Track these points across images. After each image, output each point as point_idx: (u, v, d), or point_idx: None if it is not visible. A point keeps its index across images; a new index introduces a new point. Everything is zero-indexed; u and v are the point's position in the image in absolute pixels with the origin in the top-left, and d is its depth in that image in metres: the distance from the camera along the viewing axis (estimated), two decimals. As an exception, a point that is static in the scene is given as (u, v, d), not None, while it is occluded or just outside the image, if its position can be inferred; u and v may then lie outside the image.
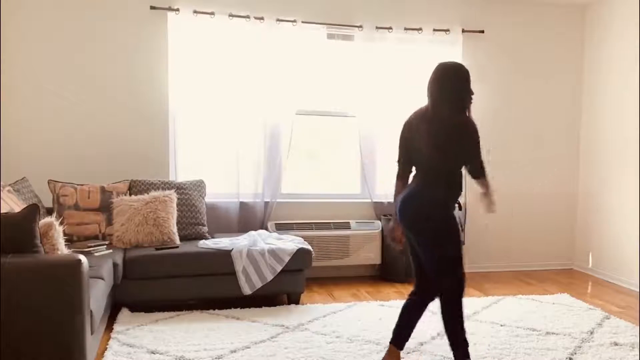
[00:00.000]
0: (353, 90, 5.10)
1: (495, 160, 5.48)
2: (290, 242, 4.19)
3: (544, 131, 5.63)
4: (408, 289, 4.72)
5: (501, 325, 3.68)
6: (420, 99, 2.93)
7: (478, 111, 5.34)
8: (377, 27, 5.03)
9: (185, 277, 3.89)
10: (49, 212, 3.99)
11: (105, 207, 4.21)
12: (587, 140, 5.62)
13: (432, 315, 3.86)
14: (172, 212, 4.22)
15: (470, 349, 3.23)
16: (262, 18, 4.79)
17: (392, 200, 5.08)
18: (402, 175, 2.93)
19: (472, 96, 2.79)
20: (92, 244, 3.82)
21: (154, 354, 3.07)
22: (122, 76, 4.69)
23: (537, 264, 5.68)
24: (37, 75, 4.53)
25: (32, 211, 2.53)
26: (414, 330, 2.95)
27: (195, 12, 4.66)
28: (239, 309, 3.93)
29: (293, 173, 5.20)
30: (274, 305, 4.05)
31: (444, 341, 3.36)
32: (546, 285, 4.97)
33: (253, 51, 4.81)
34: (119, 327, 3.48)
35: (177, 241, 4.19)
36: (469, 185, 3.27)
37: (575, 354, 3.20)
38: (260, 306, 3.99)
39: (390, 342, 2.91)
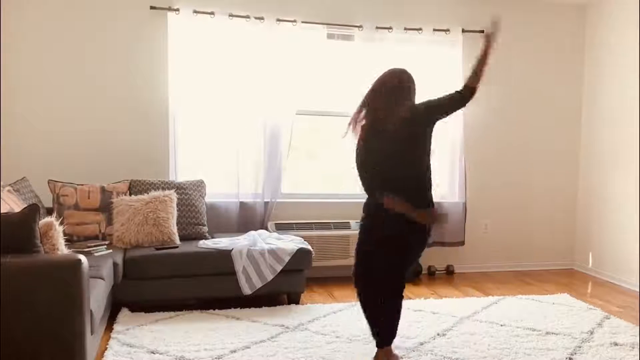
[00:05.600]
0: (353, 90, 5.09)
1: (495, 160, 5.50)
2: (290, 242, 4.19)
3: (544, 131, 5.63)
4: (408, 289, 4.72)
5: (501, 325, 3.68)
6: (420, 99, 2.94)
7: (477, 111, 5.40)
8: (377, 27, 5.03)
9: (185, 277, 3.89)
10: (49, 212, 3.98)
11: (105, 207, 4.21)
12: (588, 139, 5.63)
13: (433, 315, 3.87)
14: (172, 212, 4.22)
15: (470, 349, 3.24)
16: (262, 18, 4.79)
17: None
18: None
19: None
20: (92, 244, 3.81)
21: (154, 354, 3.07)
22: (122, 76, 4.69)
23: (537, 264, 5.68)
24: (37, 75, 4.53)
25: (32, 211, 2.53)
26: (414, 330, 2.96)
27: (195, 12, 4.66)
28: (239, 309, 3.93)
29: (293, 173, 5.20)
30: (274, 305, 4.04)
31: (445, 341, 3.37)
32: (546, 285, 4.97)
33: (253, 51, 4.81)
34: (119, 327, 3.48)
35: (177, 241, 4.19)
36: (470, 184, 3.30)
37: (575, 354, 3.20)
38: (260, 306, 3.98)
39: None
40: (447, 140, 5.28)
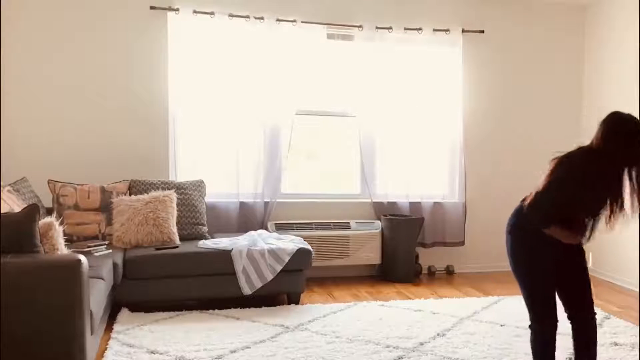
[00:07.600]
0: (353, 90, 5.10)
1: (495, 161, 5.50)
2: (290, 242, 4.19)
3: (543, 131, 5.62)
4: (408, 289, 4.75)
5: (501, 325, 3.67)
6: (420, 99, 2.94)
7: (477, 111, 5.40)
8: (377, 27, 5.03)
9: (185, 277, 3.89)
10: (49, 212, 3.98)
11: (105, 207, 4.21)
12: (588, 140, 5.60)
13: (433, 315, 3.87)
14: (172, 212, 4.22)
15: (470, 349, 3.24)
16: (262, 18, 4.79)
17: (391, 200, 5.16)
18: None
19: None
20: (92, 244, 3.81)
21: (154, 354, 3.07)
22: (122, 76, 4.69)
23: (537, 264, 5.66)
24: (37, 75, 4.53)
25: (32, 211, 2.53)
26: (414, 330, 2.94)
27: (195, 12, 4.66)
28: (239, 309, 3.93)
29: (293, 173, 5.20)
30: (274, 305, 4.04)
31: (445, 341, 3.36)
32: (546, 285, 4.97)
33: (253, 51, 4.81)
34: (119, 327, 3.48)
35: (177, 241, 4.19)
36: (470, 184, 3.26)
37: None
38: (260, 306, 3.98)
39: None
40: (447, 140, 5.28)
